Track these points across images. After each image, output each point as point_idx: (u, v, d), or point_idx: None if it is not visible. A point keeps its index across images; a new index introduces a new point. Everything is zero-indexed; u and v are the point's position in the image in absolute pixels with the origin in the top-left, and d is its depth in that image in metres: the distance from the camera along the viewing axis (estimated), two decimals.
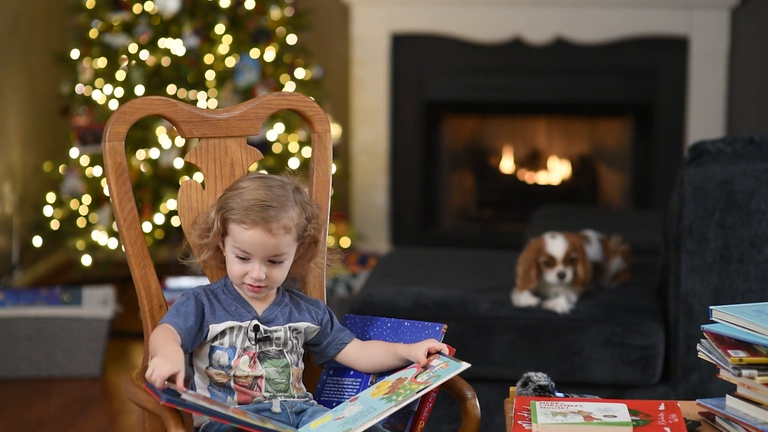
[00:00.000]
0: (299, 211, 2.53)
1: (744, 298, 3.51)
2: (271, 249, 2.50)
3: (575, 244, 3.76)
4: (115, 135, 2.57)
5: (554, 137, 7.08)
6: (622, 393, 3.69)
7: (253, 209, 2.49)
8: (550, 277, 3.75)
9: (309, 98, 2.77)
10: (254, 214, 2.48)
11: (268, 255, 2.51)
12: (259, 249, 2.50)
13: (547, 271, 3.75)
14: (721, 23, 6.42)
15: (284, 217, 2.50)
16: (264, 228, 2.48)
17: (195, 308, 2.51)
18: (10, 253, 5.81)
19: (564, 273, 3.74)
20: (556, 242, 3.76)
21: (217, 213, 2.54)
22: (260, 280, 2.51)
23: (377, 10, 6.60)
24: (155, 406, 2.31)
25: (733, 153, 3.51)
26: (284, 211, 2.50)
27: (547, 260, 3.75)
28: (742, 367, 2.24)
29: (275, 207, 2.49)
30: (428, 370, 2.45)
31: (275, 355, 2.53)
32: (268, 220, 2.48)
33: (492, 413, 3.71)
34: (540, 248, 3.76)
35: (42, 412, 4.49)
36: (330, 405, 2.59)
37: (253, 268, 2.51)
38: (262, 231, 2.48)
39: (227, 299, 2.56)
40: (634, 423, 2.24)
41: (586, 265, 3.77)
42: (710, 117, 6.47)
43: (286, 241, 2.51)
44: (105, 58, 5.56)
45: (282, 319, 2.57)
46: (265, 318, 2.56)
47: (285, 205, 2.51)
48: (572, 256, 3.75)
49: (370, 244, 6.64)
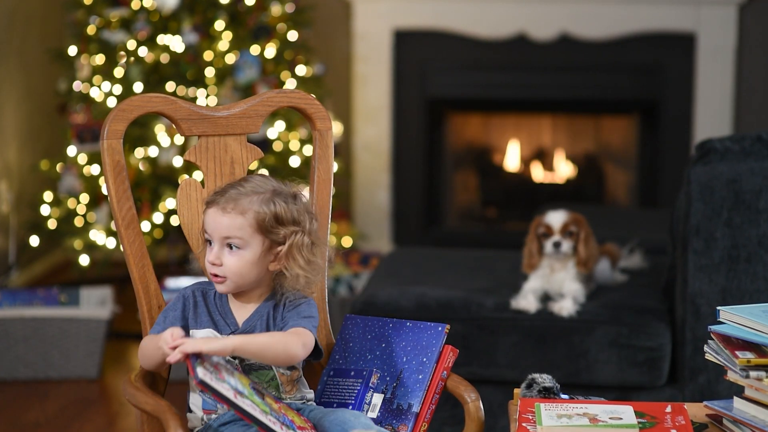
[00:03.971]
0: (267, 205, 2.51)
1: (752, 298, 3.50)
2: (224, 228, 2.49)
3: (578, 220, 3.76)
4: (113, 133, 2.58)
5: (559, 135, 7.08)
6: (628, 395, 3.68)
7: (219, 190, 2.53)
8: (547, 248, 3.74)
9: (310, 95, 2.78)
10: (218, 194, 2.52)
11: (222, 235, 2.49)
12: (213, 228, 2.51)
13: (545, 242, 3.75)
14: (728, 19, 6.41)
15: (243, 200, 2.50)
16: (218, 206, 2.50)
17: (182, 313, 2.54)
18: (7, 252, 5.82)
19: (560, 242, 3.73)
20: (556, 213, 3.77)
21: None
22: (213, 263, 2.50)
23: (379, 5, 6.60)
24: (154, 408, 2.32)
25: (741, 151, 3.52)
26: (246, 196, 2.51)
27: (545, 231, 3.75)
28: (750, 369, 2.25)
29: (237, 190, 2.51)
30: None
31: (260, 367, 2.52)
32: (225, 199, 2.50)
33: (496, 415, 3.71)
34: (539, 220, 3.77)
35: (39, 415, 4.48)
36: (330, 406, 2.61)
37: (211, 250, 2.51)
38: (216, 208, 2.50)
39: (213, 304, 2.56)
40: (641, 425, 2.25)
41: (590, 244, 3.74)
42: (717, 114, 6.48)
43: (238, 223, 2.49)
44: (103, 55, 5.55)
45: (260, 329, 2.54)
46: (244, 330, 2.53)
47: (250, 193, 2.51)
48: (571, 228, 3.74)
49: (372, 244, 6.63)
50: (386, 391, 2.59)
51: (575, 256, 3.75)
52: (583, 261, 3.75)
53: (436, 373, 2.57)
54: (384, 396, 2.59)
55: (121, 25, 5.56)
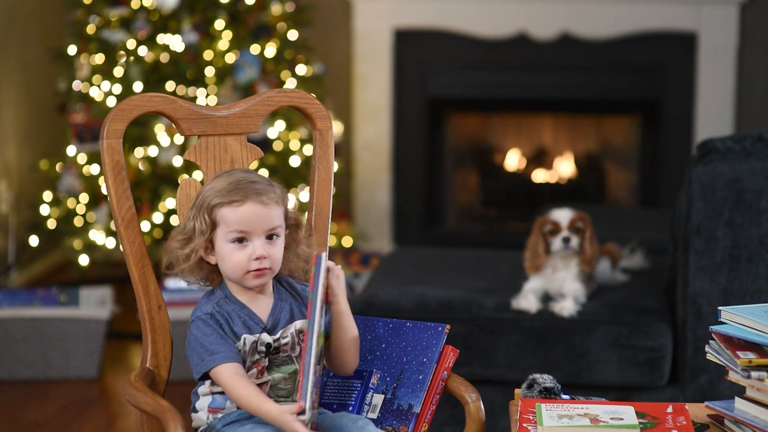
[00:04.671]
0: (279, 189, 2.52)
1: (753, 298, 3.50)
2: (268, 220, 2.47)
3: (583, 218, 3.77)
4: (112, 132, 2.57)
5: (560, 135, 7.07)
6: (629, 395, 3.68)
7: (239, 186, 2.47)
8: (556, 245, 3.74)
9: (310, 95, 2.77)
10: (243, 190, 2.46)
11: (265, 228, 2.47)
12: (256, 222, 2.46)
13: (553, 240, 3.74)
14: (730, 19, 6.41)
15: (269, 190, 2.48)
16: (256, 200, 2.46)
17: (219, 334, 2.47)
18: (6, 252, 5.82)
19: (569, 238, 3.73)
20: (562, 210, 3.77)
21: (198, 213, 2.49)
22: (264, 257, 2.46)
23: (380, 5, 6.60)
24: (154, 408, 2.31)
25: (742, 151, 3.52)
26: (267, 185, 2.49)
27: (552, 228, 3.75)
28: (752, 369, 2.24)
29: (258, 182, 2.49)
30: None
31: (284, 362, 2.50)
32: (259, 192, 2.47)
33: (497, 416, 3.70)
34: (545, 219, 3.77)
35: (38, 415, 4.47)
36: (331, 407, 2.61)
37: (255, 246, 2.47)
38: (255, 202, 2.46)
39: (235, 308, 2.51)
40: (642, 426, 2.25)
41: (593, 243, 3.76)
42: (719, 114, 6.48)
43: (277, 212, 2.49)
44: (102, 54, 5.54)
45: (285, 320, 2.52)
46: (271, 326, 2.51)
47: (264, 181, 2.50)
48: (578, 225, 3.74)
49: (372, 244, 6.62)
50: (386, 391, 2.58)
51: (579, 255, 3.74)
52: (588, 259, 3.75)
53: (436, 374, 2.56)
54: (384, 396, 2.58)
55: (121, 25, 5.56)
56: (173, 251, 2.53)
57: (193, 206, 2.52)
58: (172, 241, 2.53)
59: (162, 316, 2.60)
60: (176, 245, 2.52)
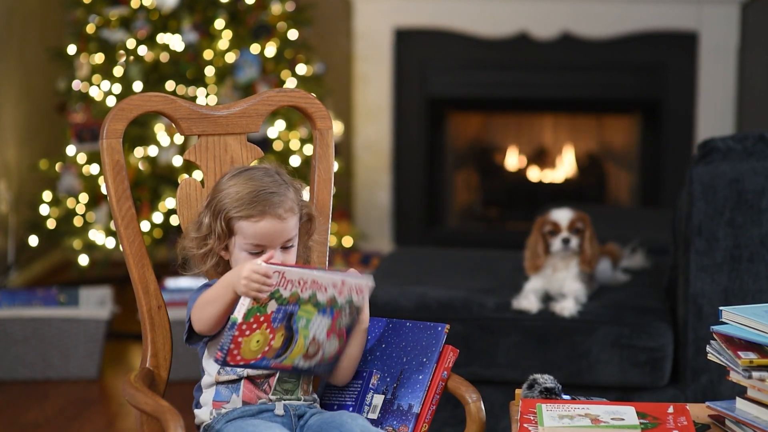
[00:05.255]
0: (293, 189, 2.54)
1: (754, 298, 3.50)
2: (284, 234, 2.50)
3: (583, 218, 3.76)
4: (112, 132, 2.57)
5: (561, 134, 7.07)
6: (630, 395, 3.68)
7: (256, 200, 2.48)
8: (555, 245, 3.73)
9: (310, 95, 2.78)
10: (260, 205, 2.47)
11: (282, 242, 2.50)
12: (274, 237, 2.49)
13: (553, 240, 3.74)
14: (731, 18, 6.41)
15: (286, 199, 2.50)
16: (273, 215, 2.48)
17: None
18: (6, 252, 5.82)
19: (569, 238, 3.73)
20: (561, 211, 3.76)
21: (214, 217, 2.50)
22: None
23: (380, 4, 6.61)
24: (154, 408, 2.32)
25: (743, 150, 3.52)
26: (284, 195, 2.50)
27: (552, 228, 3.74)
28: (753, 369, 2.24)
29: (276, 192, 2.49)
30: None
31: None
32: (275, 206, 2.48)
33: (497, 416, 3.70)
34: (545, 219, 3.76)
35: (38, 415, 4.47)
36: (331, 408, 2.61)
37: (270, 254, 2.47)
38: (272, 218, 2.48)
39: None
40: (642, 426, 2.25)
41: (593, 243, 3.76)
42: (720, 114, 6.48)
43: (293, 222, 2.52)
44: (102, 54, 5.54)
45: None
46: None
47: (281, 188, 2.51)
48: (578, 225, 3.74)
49: (372, 244, 6.62)
50: (386, 391, 2.58)
51: (579, 255, 3.74)
52: (588, 259, 3.74)
53: (436, 374, 2.56)
54: (384, 397, 2.58)
55: (121, 24, 5.56)
56: (188, 251, 2.55)
57: (208, 204, 2.53)
58: (186, 240, 2.55)
59: (162, 316, 2.61)
60: (191, 244, 2.54)
